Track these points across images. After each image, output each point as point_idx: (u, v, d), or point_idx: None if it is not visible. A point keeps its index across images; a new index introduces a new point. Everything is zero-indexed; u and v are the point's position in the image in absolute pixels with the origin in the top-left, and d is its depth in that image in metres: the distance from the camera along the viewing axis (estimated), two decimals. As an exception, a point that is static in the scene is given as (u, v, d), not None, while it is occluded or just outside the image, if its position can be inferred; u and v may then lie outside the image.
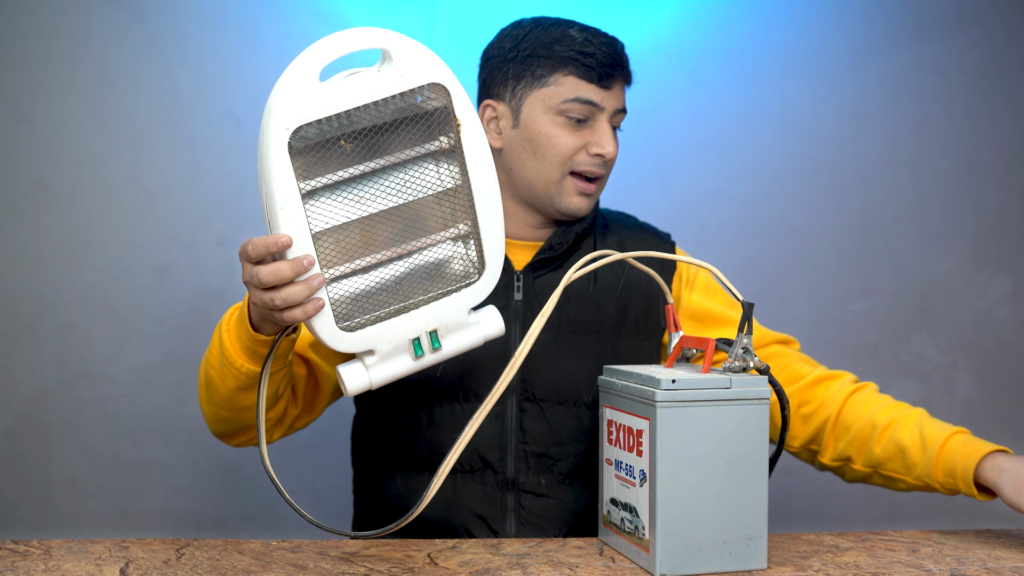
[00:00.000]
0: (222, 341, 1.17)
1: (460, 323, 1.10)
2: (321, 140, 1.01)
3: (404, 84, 1.01)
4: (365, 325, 1.07)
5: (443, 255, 1.11)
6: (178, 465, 1.95)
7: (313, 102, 0.98)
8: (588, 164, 1.35)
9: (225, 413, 1.25)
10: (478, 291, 1.11)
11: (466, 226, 1.10)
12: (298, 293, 1.02)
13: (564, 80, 1.33)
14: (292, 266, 1.01)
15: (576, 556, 1.14)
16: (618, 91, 1.36)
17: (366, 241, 1.07)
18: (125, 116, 1.92)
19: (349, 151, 1.03)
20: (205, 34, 1.94)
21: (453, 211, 1.10)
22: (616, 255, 1.16)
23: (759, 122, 2.11)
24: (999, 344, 2.21)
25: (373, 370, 1.08)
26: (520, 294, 1.37)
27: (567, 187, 1.36)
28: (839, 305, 2.16)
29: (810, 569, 1.11)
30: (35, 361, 1.91)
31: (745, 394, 1.08)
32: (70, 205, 1.91)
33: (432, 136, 1.06)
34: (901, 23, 2.14)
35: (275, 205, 1.00)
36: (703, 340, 1.14)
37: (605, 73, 1.33)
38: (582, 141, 1.34)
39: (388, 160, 1.05)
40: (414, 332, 1.08)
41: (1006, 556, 1.18)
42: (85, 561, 1.07)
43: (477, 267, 1.11)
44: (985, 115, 2.18)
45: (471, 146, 1.06)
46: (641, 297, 1.40)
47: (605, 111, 1.34)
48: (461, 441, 1.08)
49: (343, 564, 1.09)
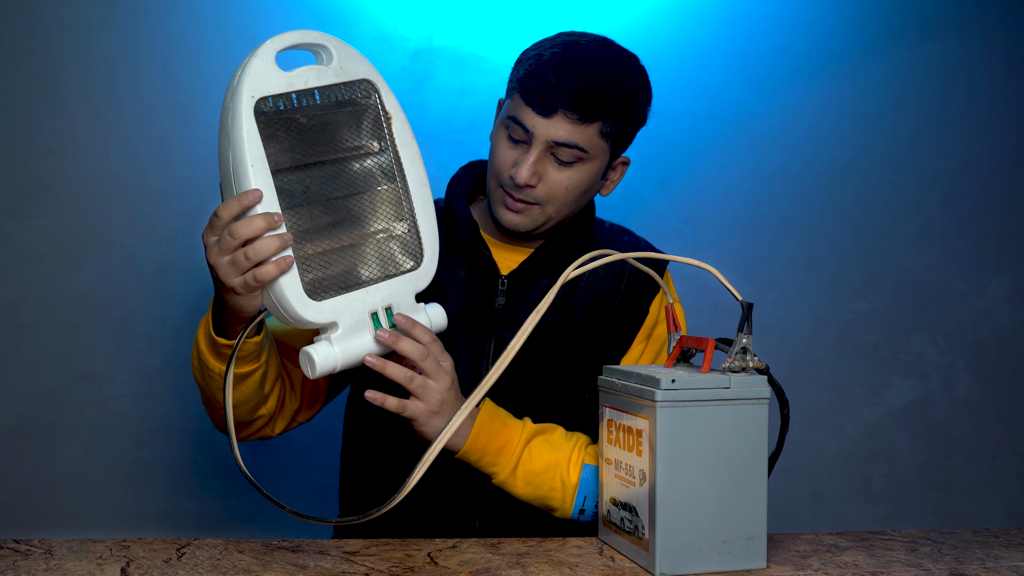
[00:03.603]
0: (198, 347, 1.23)
1: (410, 306, 1.19)
2: (274, 119, 1.10)
3: (343, 75, 1.15)
4: (327, 298, 1.13)
5: (385, 243, 1.19)
6: (179, 465, 1.96)
7: (272, 79, 1.10)
8: (508, 185, 1.33)
9: (219, 413, 1.29)
10: (421, 276, 1.20)
11: (403, 215, 1.20)
12: (270, 244, 1.06)
13: (515, 96, 1.33)
14: (265, 218, 1.06)
15: (576, 556, 1.14)
16: (559, 123, 1.28)
17: (315, 227, 1.14)
18: (125, 116, 1.92)
19: (304, 123, 1.13)
20: (205, 34, 1.94)
21: (391, 201, 1.19)
22: (616, 255, 1.17)
23: (759, 122, 2.11)
24: (998, 344, 2.21)
25: (338, 344, 1.13)
26: (503, 299, 1.37)
27: (496, 199, 1.37)
28: (839, 305, 2.16)
29: (809, 569, 1.11)
30: (35, 361, 1.91)
31: (744, 394, 1.08)
32: (70, 205, 1.91)
33: (372, 135, 1.19)
34: (901, 23, 2.14)
35: (246, 162, 1.07)
36: (703, 340, 1.14)
37: (544, 100, 1.28)
38: (514, 159, 1.32)
39: (335, 154, 1.16)
40: (371, 306, 1.15)
41: (1005, 556, 1.19)
42: (86, 560, 1.07)
43: (417, 253, 1.20)
44: (985, 115, 2.18)
45: (402, 137, 1.19)
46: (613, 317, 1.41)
47: (537, 138, 1.30)
48: (447, 431, 1.10)
49: (343, 564, 1.10)
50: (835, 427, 2.16)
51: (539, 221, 1.36)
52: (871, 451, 2.17)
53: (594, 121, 1.30)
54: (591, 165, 1.34)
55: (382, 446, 1.40)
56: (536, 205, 1.34)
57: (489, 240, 1.42)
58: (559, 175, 1.32)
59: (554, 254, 1.39)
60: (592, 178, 1.36)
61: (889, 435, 2.17)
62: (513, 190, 1.33)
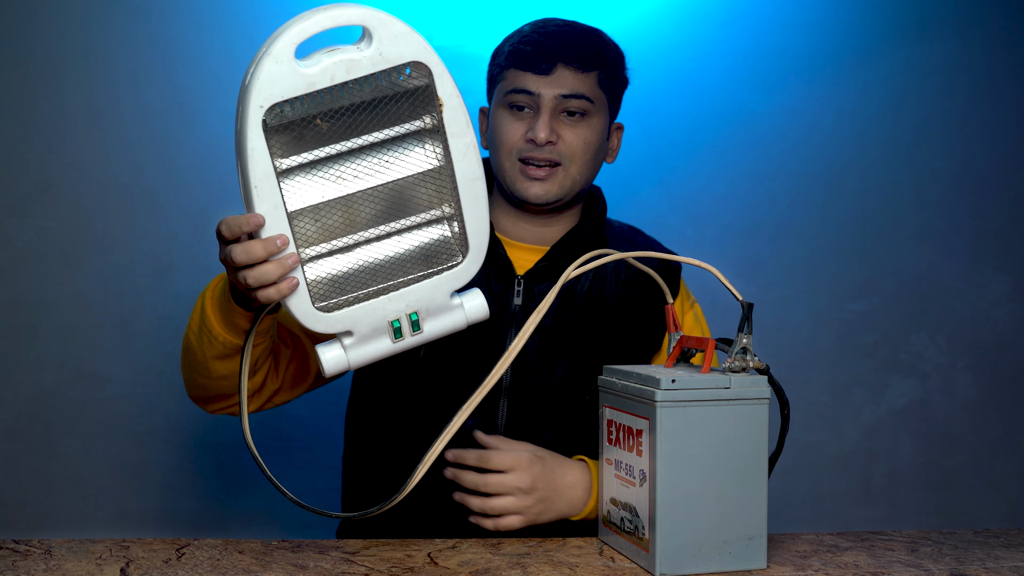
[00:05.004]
0: (204, 309, 1.18)
1: (442, 306, 1.07)
2: (298, 118, 0.99)
3: (383, 63, 0.98)
4: (343, 306, 1.04)
5: (426, 236, 1.08)
6: (178, 465, 1.96)
7: (289, 80, 0.96)
8: (528, 150, 1.36)
9: (202, 380, 1.25)
10: (461, 274, 1.08)
11: (450, 208, 1.07)
12: (270, 272, 1.01)
13: (508, 73, 1.37)
14: (264, 245, 1.00)
15: (576, 556, 1.14)
16: (562, 77, 1.34)
17: (347, 221, 1.04)
18: (125, 116, 1.92)
19: (325, 130, 1.01)
20: (205, 34, 1.94)
21: (438, 191, 1.07)
22: (616, 254, 1.16)
23: (759, 122, 2.11)
24: (998, 344, 2.21)
25: (351, 351, 1.06)
26: (520, 299, 1.37)
27: (517, 175, 1.37)
28: (839, 305, 2.16)
29: (810, 569, 1.11)
30: (35, 361, 1.91)
31: (745, 394, 1.08)
32: (70, 205, 1.91)
33: (415, 115, 1.03)
34: (901, 23, 2.14)
35: (249, 183, 0.98)
36: (703, 340, 1.14)
37: (540, 59, 1.34)
38: (524, 129, 1.36)
39: (368, 139, 1.03)
40: (393, 314, 1.06)
41: (1005, 556, 1.18)
42: (86, 561, 1.07)
43: (460, 249, 1.08)
44: (985, 115, 2.18)
45: (453, 126, 1.03)
46: (638, 320, 1.41)
47: (544, 97, 1.35)
48: (449, 430, 1.09)
49: (343, 564, 1.09)
50: (835, 427, 2.16)
51: (564, 186, 1.38)
52: (871, 451, 2.17)
53: (592, 70, 1.36)
54: (598, 120, 1.38)
55: (386, 447, 1.39)
56: (559, 166, 1.36)
57: (504, 240, 1.42)
58: (573, 132, 1.36)
59: (570, 251, 1.39)
60: (600, 135, 1.39)
61: (889, 435, 2.17)
62: (535, 153, 1.35)
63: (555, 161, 1.36)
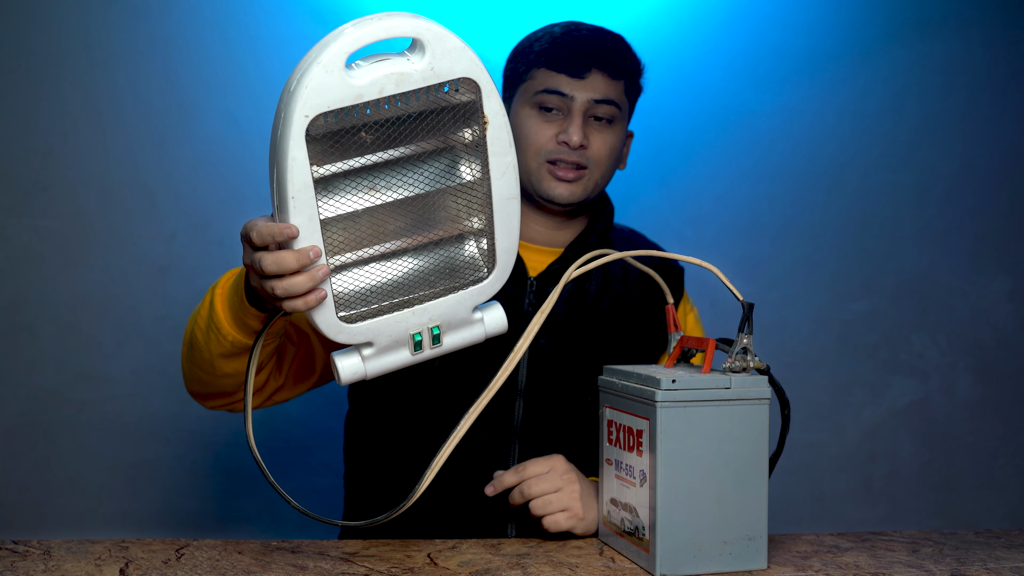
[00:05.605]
0: (213, 305, 1.15)
1: (463, 320, 1.07)
2: (339, 128, 0.96)
3: (434, 77, 0.96)
4: (366, 317, 1.03)
5: (453, 251, 1.07)
6: (178, 465, 1.95)
7: (337, 90, 0.93)
8: (557, 153, 1.36)
9: (204, 376, 1.22)
10: (485, 290, 1.07)
11: (480, 223, 1.06)
12: (300, 284, 0.98)
13: (538, 73, 1.37)
14: (297, 257, 0.97)
15: (576, 556, 1.14)
16: (595, 82, 1.36)
17: (375, 231, 1.03)
18: (125, 116, 1.92)
19: (369, 142, 0.99)
20: (205, 34, 1.94)
21: (468, 206, 1.05)
22: (616, 254, 1.16)
23: (759, 122, 2.11)
24: (999, 344, 2.21)
25: (369, 362, 1.05)
26: (532, 300, 1.37)
27: (544, 175, 1.38)
28: (839, 305, 2.16)
29: (810, 569, 1.11)
30: (35, 361, 1.91)
31: (745, 394, 1.08)
32: (70, 205, 1.91)
33: (455, 129, 1.02)
34: (901, 23, 2.14)
35: (286, 193, 0.95)
36: (703, 340, 1.14)
37: (576, 63, 1.35)
38: (554, 131, 1.36)
39: (406, 150, 1.01)
40: (415, 327, 1.05)
41: (1006, 556, 1.18)
42: (85, 561, 1.07)
43: (487, 265, 1.07)
44: (985, 115, 2.18)
45: (496, 145, 1.02)
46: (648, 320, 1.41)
47: (577, 100, 1.35)
48: (457, 433, 1.08)
49: (343, 564, 1.09)
50: (835, 427, 2.16)
51: (589, 188, 1.39)
52: (872, 451, 2.17)
53: (622, 77, 1.39)
54: (620, 127, 1.41)
55: (392, 450, 1.38)
56: (585, 169, 1.38)
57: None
58: (600, 137, 1.38)
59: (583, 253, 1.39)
60: (620, 143, 1.41)
61: (890, 435, 2.17)
62: (566, 156, 1.36)
63: (582, 164, 1.37)
